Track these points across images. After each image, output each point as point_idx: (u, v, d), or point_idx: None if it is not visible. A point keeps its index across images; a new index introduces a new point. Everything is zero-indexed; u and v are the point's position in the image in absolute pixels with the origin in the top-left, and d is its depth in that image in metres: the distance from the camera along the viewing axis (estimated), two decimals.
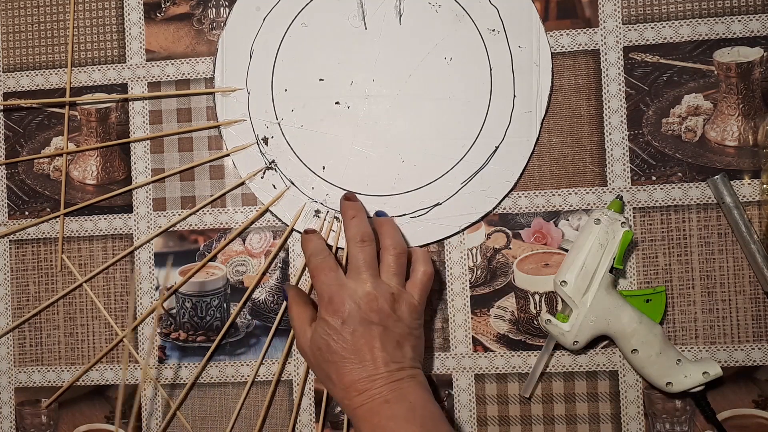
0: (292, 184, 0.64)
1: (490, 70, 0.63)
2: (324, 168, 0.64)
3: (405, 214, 0.63)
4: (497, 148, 0.62)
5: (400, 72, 0.63)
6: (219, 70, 0.65)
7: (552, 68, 0.62)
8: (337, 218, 0.63)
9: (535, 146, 0.62)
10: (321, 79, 0.64)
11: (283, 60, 0.64)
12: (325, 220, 0.64)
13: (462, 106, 0.63)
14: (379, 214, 0.61)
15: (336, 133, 0.64)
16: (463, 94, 0.63)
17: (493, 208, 0.62)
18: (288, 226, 0.64)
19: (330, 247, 0.62)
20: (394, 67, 0.63)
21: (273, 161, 0.64)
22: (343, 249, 0.63)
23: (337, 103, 0.64)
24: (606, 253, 0.58)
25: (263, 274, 0.64)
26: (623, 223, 0.58)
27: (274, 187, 0.64)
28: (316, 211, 0.64)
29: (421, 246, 0.63)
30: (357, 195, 0.63)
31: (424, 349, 0.58)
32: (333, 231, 0.63)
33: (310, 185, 0.64)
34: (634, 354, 0.58)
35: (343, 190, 0.63)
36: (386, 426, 0.51)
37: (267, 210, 0.64)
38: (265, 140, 0.64)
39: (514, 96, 0.62)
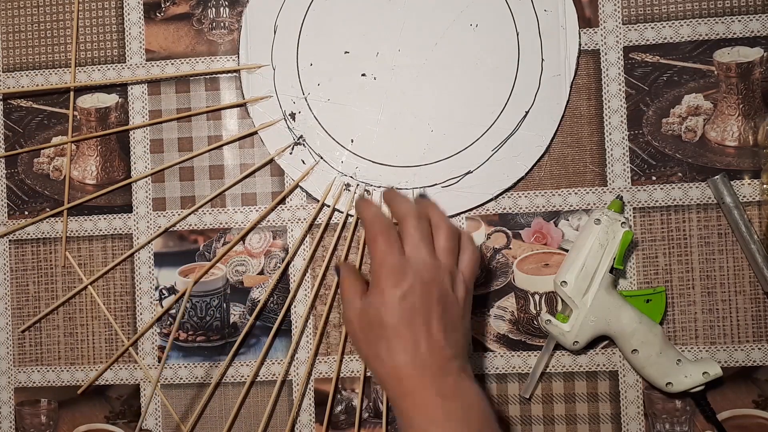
0: (321, 158, 0.64)
1: (517, 35, 0.62)
2: (352, 141, 0.64)
3: (436, 184, 0.63)
4: (527, 113, 0.62)
5: (426, 41, 0.63)
6: (243, 47, 0.65)
7: (579, 30, 0.62)
8: (367, 191, 0.63)
9: (565, 110, 0.62)
10: (346, 52, 0.64)
11: (308, 34, 0.64)
12: (355, 193, 0.63)
13: (490, 73, 0.63)
14: (422, 195, 0.58)
15: (363, 105, 0.64)
16: (491, 60, 0.63)
17: (526, 174, 0.62)
18: (318, 201, 0.64)
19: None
20: (419, 36, 0.63)
21: (301, 136, 0.64)
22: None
23: (363, 75, 0.64)
24: (606, 253, 0.58)
25: (281, 276, 0.64)
26: (623, 223, 0.58)
27: (303, 162, 0.64)
28: (346, 184, 0.64)
29: (456, 214, 0.63)
30: (387, 166, 0.63)
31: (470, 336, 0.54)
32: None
33: (339, 159, 0.64)
34: (634, 354, 0.58)
35: (373, 162, 0.63)
36: (444, 425, 0.46)
37: (297, 186, 0.64)
38: (293, 116, 0.64)
39: (542, 60, 0.62)
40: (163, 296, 0.65)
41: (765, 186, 0.60)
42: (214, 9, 0.65)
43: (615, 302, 0.58)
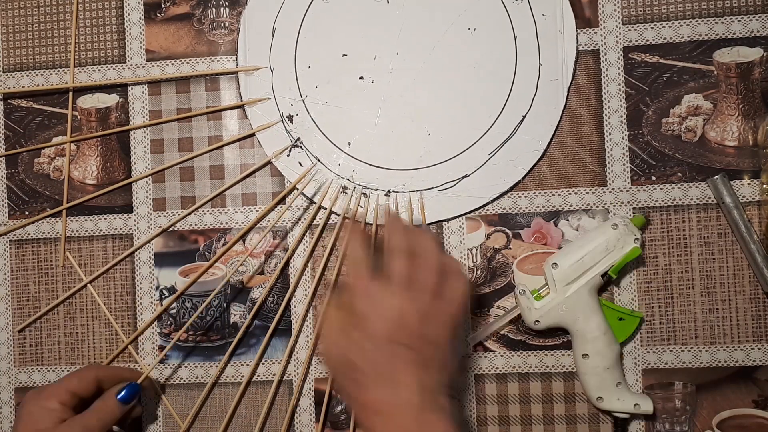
0: (318, 161, 0.64)
1: (515, 39, 0.62)
2: (350, 144, 0.64)
3: (433, 187, 0.63)
4: (524, 117, 0.62)
5: (424, 44, 0.63)
6: (242, 49, 0.65)
7: (576, 35, 0.62)
8: (364, 194, 0.63)
9: (562, 114, 0.62)
10: (344, 55, 0.64)
11: (306, 37, 0.64)
12: (352, 196, 0.64)
13: (487, 77, 0.63)
14: (417, 226, 0.58)
15: (361, 108, 0.64)
16: (488, 64, 0.63)
17: (523, 178, 0.62)
18: (315, 203, 0.64)
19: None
20: (417, 39, 0.63)
21: (298, 139, 0.64)
22: (370, 225, 0.63)
23: (361, 78, 0.64)
24: (608, 257, 0.58)
25: (280, 278, 0.64)
26: (636, 239, 0.58)
27: (300, 164, 0.64)
28: (343, 187, 0.64)
29: (453, 218, 0.63)
30: (384, 169, 0.63)
31: (455, 371, 0.54)
32: (360, 207, 0.63)
33: (337, 162, 0.64)
34: (584, 358, 0.58)
35: (370, 165, 0.63)
36: None
37: (294, 188, 0.64)
38: (290, 118, 0.64)
39: (540, 64, 0.62)
40: (163, 296, 0.65)
41: (765, 186, 0.60)
42: (214, 9, 0.66)
43: (592, 304, 0.58)
